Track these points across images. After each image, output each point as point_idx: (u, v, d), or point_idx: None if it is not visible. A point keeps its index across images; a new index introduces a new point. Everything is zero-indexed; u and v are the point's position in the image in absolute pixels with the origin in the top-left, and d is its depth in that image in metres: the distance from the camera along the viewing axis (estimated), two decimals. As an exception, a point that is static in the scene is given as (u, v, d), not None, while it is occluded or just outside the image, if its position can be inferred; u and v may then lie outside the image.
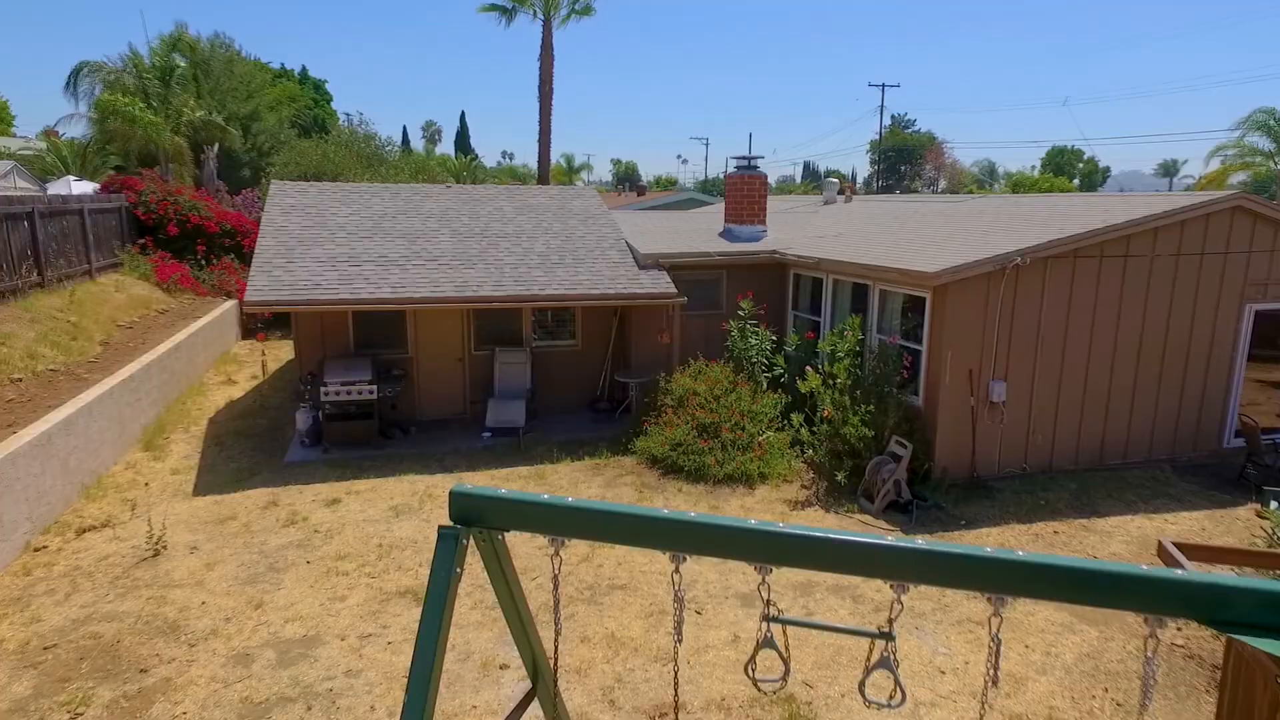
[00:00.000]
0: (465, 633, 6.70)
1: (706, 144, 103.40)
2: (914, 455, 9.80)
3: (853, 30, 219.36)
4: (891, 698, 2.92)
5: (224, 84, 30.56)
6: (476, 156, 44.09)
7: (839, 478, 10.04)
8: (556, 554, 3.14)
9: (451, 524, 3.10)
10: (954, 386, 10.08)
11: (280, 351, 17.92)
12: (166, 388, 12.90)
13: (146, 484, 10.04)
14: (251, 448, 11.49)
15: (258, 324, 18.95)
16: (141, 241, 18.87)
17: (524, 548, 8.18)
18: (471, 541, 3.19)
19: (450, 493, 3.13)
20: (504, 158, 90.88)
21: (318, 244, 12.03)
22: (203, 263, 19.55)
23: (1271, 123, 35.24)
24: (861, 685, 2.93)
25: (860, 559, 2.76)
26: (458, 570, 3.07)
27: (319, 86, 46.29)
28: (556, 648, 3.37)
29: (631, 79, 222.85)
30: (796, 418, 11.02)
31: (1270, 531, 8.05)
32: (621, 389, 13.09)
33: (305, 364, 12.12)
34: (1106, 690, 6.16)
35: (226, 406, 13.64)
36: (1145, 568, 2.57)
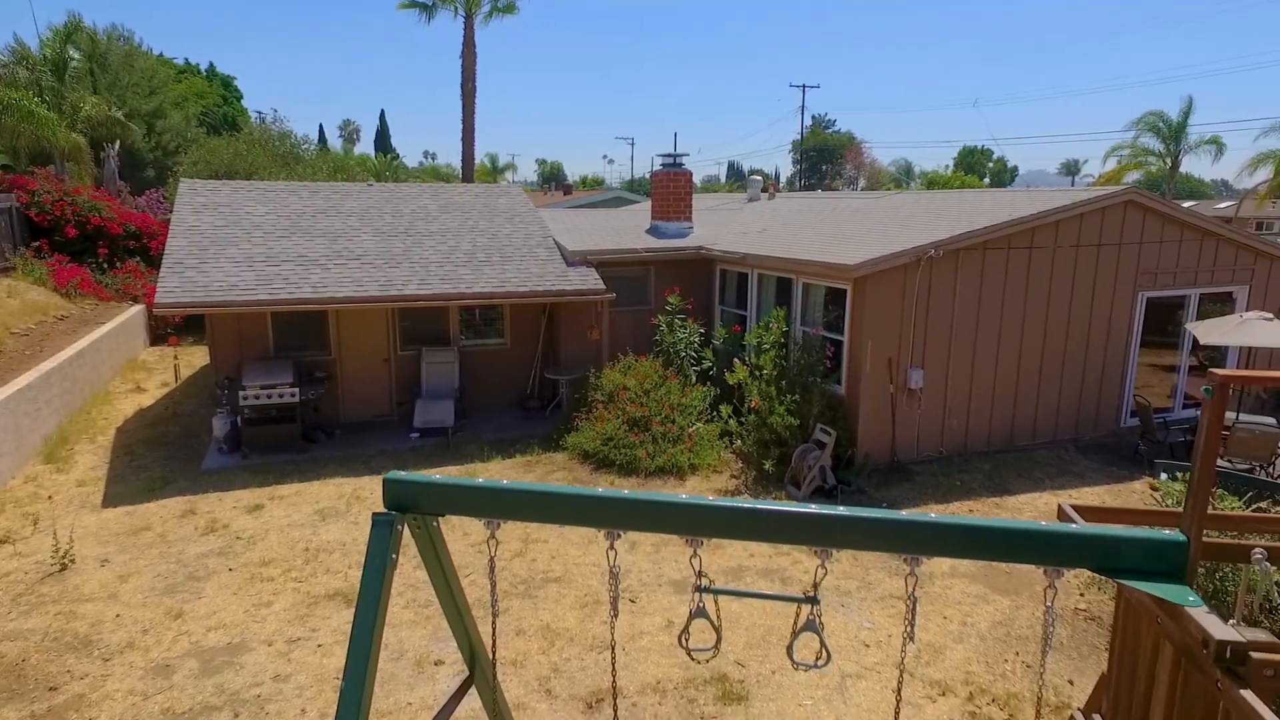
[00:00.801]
0: (398, 631, 6.62)
1: (632, 144, 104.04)
2: (838, 442, 10.14)
3: (774, 31, 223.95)
4: (818, 659, 3.06)
5: (124, 79, 29.04)
6: (398, 156, 43.13)
7: (766, 466, 10.30)
8: (492, 536, 3.18)
9: (387, 511, 3.10)
10: (874, 375, 10.45)
11: (194, 357, 17.20)
12: (69, 397, 12.24)
13: (50, 497, 9.53)
14: (165, 456, 11.01)
15: (169, 328, 18.13)
16: (36, 244, 17.79)
17: (457, 545, 8.12)
18: (406, 529, 3.19)
19: (384, 479, 3.13)
20: (426, 158, 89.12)
21: (233, 244, 11.62)
22: (105, 266, 18.57)
23: (1160, 125, 37.65)
24: (789, 648, 3.06)
25: (785, 527, 2.89)
26: (393, 556, 3.07)
27: (228, 83, 44.48)
28: (495, 631, 3.40)
29: (557, 79, 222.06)
30: (725, 409, 11.24)
31: (1161, 501, 8.66)
32: (552, 386, 13.09)
33: (222, 368, 11.69)
34: (1018, 654, 6.53)
35: (136, 415, 13.02)
36: (1044, 524, 2.78)
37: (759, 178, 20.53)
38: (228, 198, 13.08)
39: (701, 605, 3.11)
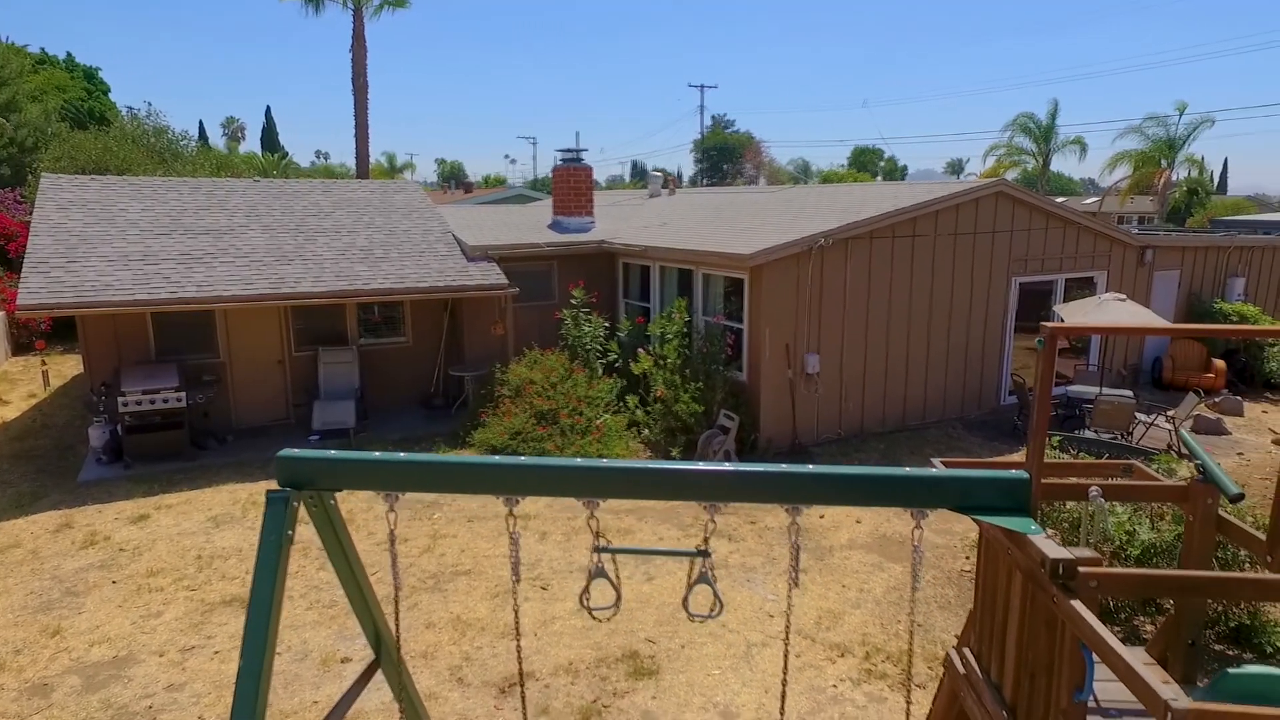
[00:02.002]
0: (302, 632, 6.45)
1: (534, 143, 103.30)
2: (741, 427, 10.46)
3: (672, 32, 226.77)
4: (712, 610, 3.22)
5: (-33, 70, 26.74)
6: (287, 154, 41.26)
7: (674, 453, 10.52)
8: (391, 509, 3.18)
9: (281, 488, 3.07)
10: (773, 361, 10.83)
11: (65, 366, 16.09)
12: (-77, 411, 11.26)
13: (-97, 519, 8.77)
14: (35, 470, 10.30)
15: (34, 335, 16.88)
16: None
17: (363, 545, 7.95)
18: (303, 509, 3.17)
19: (277, 457, 3.09)
20: (319, 157, 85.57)
21: (106, 242, 10.96)
22: (-43, 272, 17.13)
23: (1031, 126, 40.28)
24: (685, 601, 3.20)
25: (677, 484, 3.03)
26: (289, 534, 3.05)
27: (91, 75, 41.42)
28: (396, 603, 3.40)
29: (457, 78, 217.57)
30: (632, 399, 11.41)
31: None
32: (457, 383, 12.94)
33: (97, 374, 11.00)
34: (909, 615, 6.93)
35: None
36: (909, 470, 3.02)
37: (660, 174, 20.84)
38: (98, 194, 12.31)
39: (600, 565, 3.22)
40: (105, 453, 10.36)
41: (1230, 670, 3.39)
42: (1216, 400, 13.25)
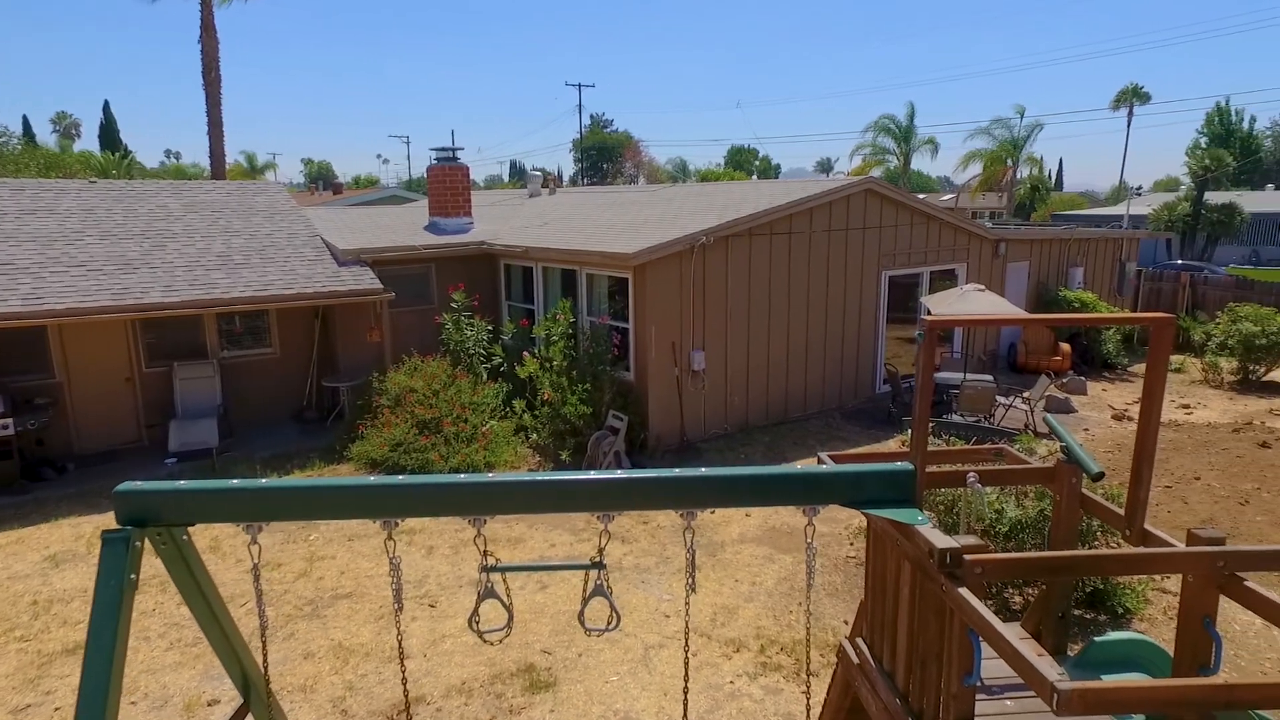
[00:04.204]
0: (160, 676, 5.88)
1: (408, 142, 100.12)
2: (630, 426, 10.43)
3: (547, 30, 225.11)
4: (609, 622, 3.11)
5: None
6: (130, 153, 37.87)
7: (563, 456, 10.36)
8: (254, 541, 2.89)
9: (120, 527, 2.72)
10: (660, 359, 10.86)
11: None
12: None
13: None
14: None
15: None
16: None
17: (230, 572, 7.38)
18: (150, 545, 2.82)
19: (115, 493, 2.74)
20: (169, 156, 79.35)
21: (-90, 252, 9.67)
22: None
23: (892, 126, 42.54)
24: (580, 615, 3.08)
25: (566, 496, 2.90)
26: (132, 578, 2.70)
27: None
28: (264, 645, 3.10)
29: (324, 74, 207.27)
30: (519, 404, 11.15)
31: (909, 453, 9.78)
32: (331, 395, 12.26)
33: (-94, 402, 9.70)
34: (800, 604, 7.08)
35: None
36: (800, 468, 3.02)
37: (539, 173, 20.57)
38: (-100, 198, 10.87)
39: (490, 585, 3.05)
40: (-82, 490, 9.14)
41: (1096, 639, 3.61)
42: (1064, 381, 14.36)
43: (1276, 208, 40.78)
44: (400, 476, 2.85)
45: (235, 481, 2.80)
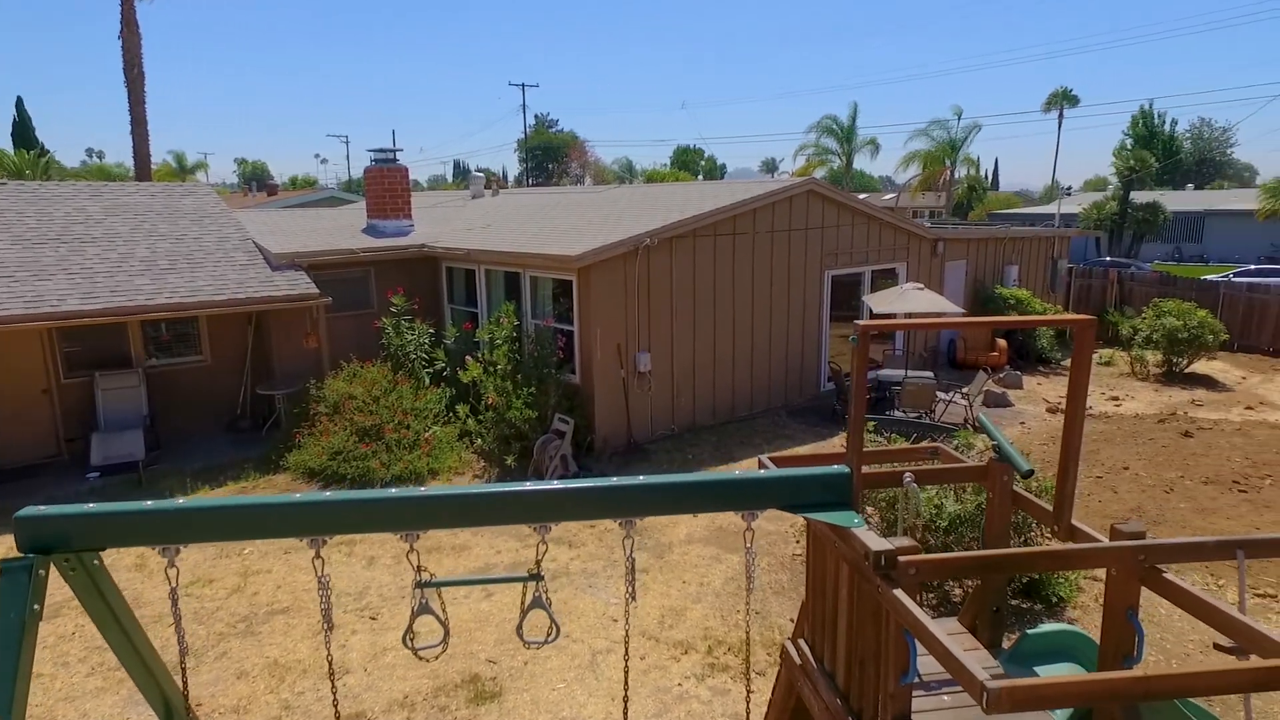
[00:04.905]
0: (81, 704, 5.60)
1: (347, 142, 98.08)
2: (576, 429, 10.35)
3: (490, 28, 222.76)
4: (548, 634, 3.06)
5: None
6: (48, 153, 36.08)
7: (509, 461, 10.23)
8: (171, 564, 2.75)
9: (22, 555, 2.56)
10: (605, 361, 10.81)
11: None
12: None
13: None
14: None
15: None
16: None
17: (159, 590, 7.09)
18: (57, 572, 2.66)
19: (15, 518, 2.58)
20: (92, 156, 76.11)
21: None
22: None
23: (835, 127, 43.26)
24: (519, 628, 3.02)
25: (504, 507, 2.83)
26: (35, 608, 2.54)
27: None
28: (184, 673, 2.96)
29: (259, 71, 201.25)
30: (462, 409, 10.98)
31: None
32: (267, 403, 11.89)
33: None
34: (746, 618, 7.11)
35: None
36: (739, 473, 3.00)
37: (482, 174, 20.32)
38: None
39: (424, 601, 2.97)
40: None
41: (1029, 632, 3.69)
42: (1001, 376, 14.78)
43: (1196, 207, 42.72)
44: (327, 493, 2.75)
45: (149, 503, 2.66)
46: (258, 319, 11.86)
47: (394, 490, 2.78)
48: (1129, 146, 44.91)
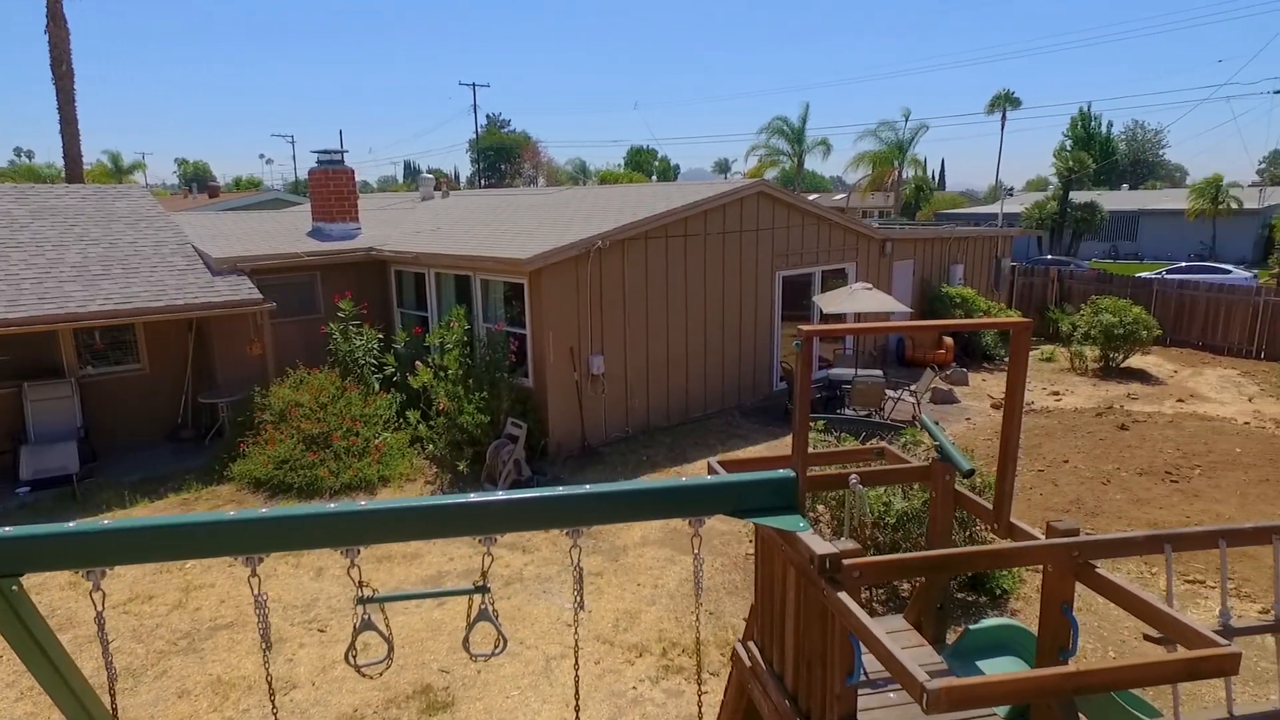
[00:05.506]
0: (10, 732, 5.37)
1: (293, 141, 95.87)
2: (530, 433, 10.27)
3: (439, 27, 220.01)
4: (496, 646, 3.02)
5: None
6: (-25, 153, 34.55)
7: (461, 467, 10.11)
8: (97, 588, 2.65)
9: (-70, 584, 2.43)
10: (558, 364, 10.76)
11: None
12: None
13: None
14: None
15: None
16: None
17: (90, 612, 6.80)
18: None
19: (-77, 546, 2.45)
20: (20, 156, 73.19)
21: None
22: None
23: (785, 128, 43.75)
24: (465, 641, 2.98)
25: (449, 520, 2.79)
26: (-55, 640, 2.42)
27: None
28: (113, 698, 2.85)
29: (201, 68, 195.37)
30: (413, 415, 10.81)
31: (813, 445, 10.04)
32: (209, 412, 11.55)
33: None
34: (701, 604, 7.14)
35: None
36: (687, 480, 3.01)
37: (431, 176, 20.05)
38: None
39: (368, 617, 2.91)
40: None
41: (971, 627, 3.77)
42: (948, 373, 15.12)
43: (1131, 206, 44.33)
44: (263, 509, 2.68)
45: (71, 524, 2.55)
46: (199, 326, 11.51)
47: (334, 505, 2.71)
48: (1068, 148, 46.34)
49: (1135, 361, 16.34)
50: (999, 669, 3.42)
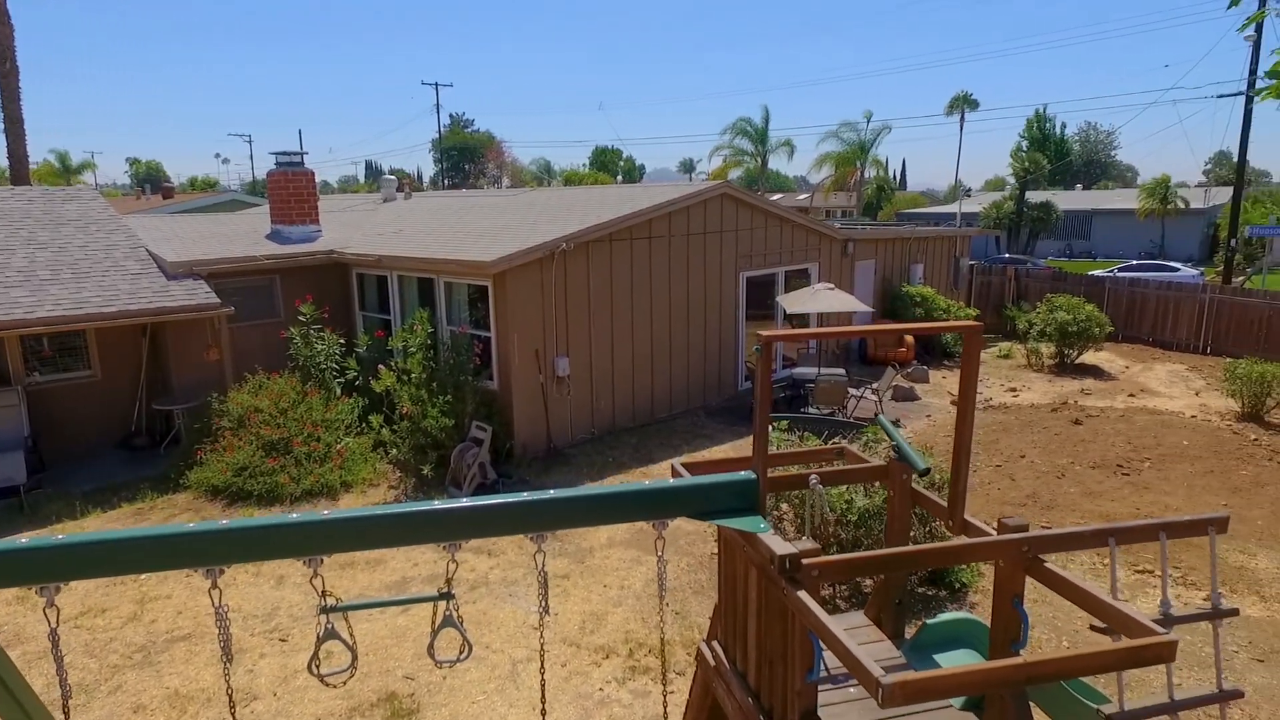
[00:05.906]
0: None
1: (250, 141, 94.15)
2: (495, 436, 10.23)
3: (400, 26, 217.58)
4: (461, 653, 3.03)
5: None
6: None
7: (425, 471, 10.04)
8: (51, 604, 2.60)
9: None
10: (523, 367, 10.73)
11: None
12: None
13: None
14: None
15: None
16: None
17: (40, 626, 6.63)
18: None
19: None
20: (-34, 157, 70.52)
21: None
22: None
23: (749, 129, 44.11)
24: (430, 648, 2.98)
25: (411, 528, 2.79)
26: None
27: None
28: (67, 713, 2.79)
29: (155, 68, 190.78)
30: (376, 419, 10.69)
31: (776, 445, 10.15)
32: (165, 419, 11.31)
33: None
34: (668, 605, 7.19)
35: None
36: (650, 483, 3.04)
37: (393, 177, 19.85)
38: None
39: (331, 626, 2.90)
40: None
41: (929, 622, 3.86)
42: (909, 371, 15.39)
43: (1084, 206, 45.50)
44: (224, 520, 2.65)
45: (24, 540, 2.51)
46: (153, 331, 11.26)
47: (296, 515, 2.69)
48: (1024, 149, 47.44)
49: (1089, 358, 16.78)
50: (954, 662, 3.51)
